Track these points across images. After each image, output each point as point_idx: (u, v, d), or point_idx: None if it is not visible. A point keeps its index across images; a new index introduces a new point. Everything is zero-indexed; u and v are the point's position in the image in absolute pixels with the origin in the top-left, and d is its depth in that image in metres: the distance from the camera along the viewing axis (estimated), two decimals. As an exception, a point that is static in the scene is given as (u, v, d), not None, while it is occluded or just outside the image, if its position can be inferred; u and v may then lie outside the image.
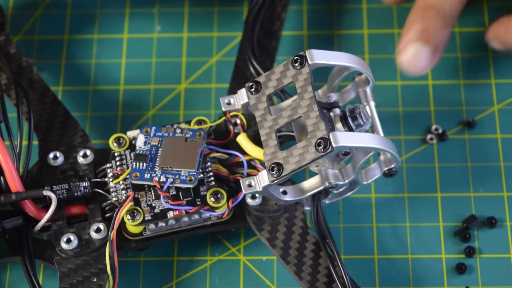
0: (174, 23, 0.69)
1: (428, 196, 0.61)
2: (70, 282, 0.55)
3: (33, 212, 0.56)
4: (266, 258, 0.60)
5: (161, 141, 0.56)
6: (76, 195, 0.56)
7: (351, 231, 0.60)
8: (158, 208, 0.55)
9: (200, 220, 0.56)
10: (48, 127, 0.60)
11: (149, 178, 0.55)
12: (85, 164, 0.58)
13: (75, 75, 0.67)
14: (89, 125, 0.64)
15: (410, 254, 0.59)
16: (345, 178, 0.56)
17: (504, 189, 0.61)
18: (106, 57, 0.67)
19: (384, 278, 0.59)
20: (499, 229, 0.60)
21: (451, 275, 0.59)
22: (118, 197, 0.56)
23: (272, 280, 0.59)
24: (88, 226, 0.56)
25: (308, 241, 0.56)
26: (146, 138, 0.57)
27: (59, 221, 0.56)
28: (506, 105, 0.64)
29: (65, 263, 0.55)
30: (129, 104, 0.65)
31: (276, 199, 0.56)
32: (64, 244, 0.55)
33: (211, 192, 0.55)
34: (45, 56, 0.67)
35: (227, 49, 0.67)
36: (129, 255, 0.60)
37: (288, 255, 0.56)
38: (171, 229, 0.56)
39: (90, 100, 0.66)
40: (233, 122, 0.58)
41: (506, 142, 0.63)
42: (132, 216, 0.55)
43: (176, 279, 0.59)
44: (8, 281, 0.59)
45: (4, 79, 0.62)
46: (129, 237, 0.56)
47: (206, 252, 0.60)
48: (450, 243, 0.60)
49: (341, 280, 0.54)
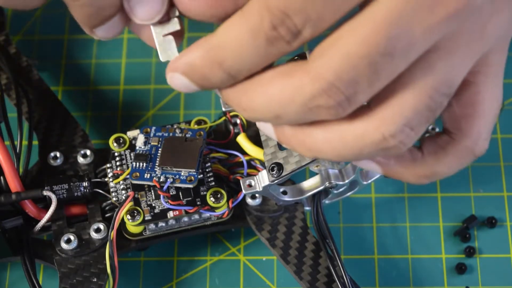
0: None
1: (428, 196, 0.61)
2: (70, 282, 0.55)
3: (33, 212, 0.56)
4: (266, 258, 0.60)
5: (161, 141, 0.56)
6: (76, 195, 0.56)
7: (351, 231, 0.60)
8: (158, 208, 0.55)
9: (200, 220, 0.56)
10: (48, 127, 0.60)
11: (149, 178, 0.55)
12: (85, 164, 0.58)
13: (75, 75, 0.67)
14: (89, 125, 0.64)
15: (410, 254, 0.59)
16: (345, 178, 0.56)
17: (504, 189, 0.61)
18: (106, 57, 0.67)
19: (384, 278, 0.59)
20: (499, 229, 0.60)
21: (451, 275, 0.59)
22: (118, 197, 0.56)
23: (272, 280, 0.59)
24: (88, 226, 0.56)
25: (308, 241, 0.56)
26: (146, 138, 0.57)
27: (59, 221, 0.56)
28: (506, 105, 0.64)
29: (65, 263, 0.55)
30: (129, 104, 0.65)
31: (276, 199, 0.56)
32: (64, 244, 0.55)
33: (211, 192, 0.55)
34: (45, 56, 0.67)
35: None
36: (129, 255, 0.60)
37: (288, 255, 0.56)
38: (171, 229, 0.56)
39: (90, 100, 0.66)
40: (233, 122, 0.58)
41: (506, 142, 0.63)
42: (132, 216, 0.55)
43: (176, 279, 0.59)
44: (8, 281, 0.59)
45: (4, 79, 0.62)
46: (129, 237, 0.56)
47: (206, 252, 0.60)
48: (450, 243, 0.60)
49: (341, 280, 0.54)
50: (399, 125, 0.43)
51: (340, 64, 0.41)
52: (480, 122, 0.48)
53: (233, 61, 0.43)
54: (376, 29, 0.41)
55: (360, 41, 0.41)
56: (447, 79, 0.43)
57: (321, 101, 0.42)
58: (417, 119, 0.43)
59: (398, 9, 0.41)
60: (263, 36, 0.42)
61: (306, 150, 0.45)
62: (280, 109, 0.43)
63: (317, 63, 0.42)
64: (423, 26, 0.41)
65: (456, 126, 0.48)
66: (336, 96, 0.42)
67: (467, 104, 0.47)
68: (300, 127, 0.45)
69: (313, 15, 0.41)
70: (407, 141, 0.44)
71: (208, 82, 0.44)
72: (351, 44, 0.41)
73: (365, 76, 0.41)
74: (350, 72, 0.41)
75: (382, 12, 0.41)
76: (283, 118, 0.44)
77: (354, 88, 0.41)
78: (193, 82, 0.45)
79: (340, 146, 0.44)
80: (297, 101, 0.42)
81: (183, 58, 0.44)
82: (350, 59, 0.41)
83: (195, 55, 0.44)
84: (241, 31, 0.42)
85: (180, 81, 0.45)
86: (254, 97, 0.44)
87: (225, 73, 0.43)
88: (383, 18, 0.41)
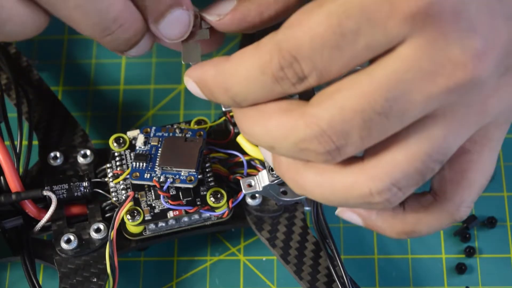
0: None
1: (428, 196, 0.61)
2: (70, 282, 0.55)
3: (33, 212, 0.56)
4: (266, 258, 0.60)
5: (161, 141, 0.56)
6: (76, 195, 0.56)
7: (351, 231, 0.60)
8: (158, 208, 0.55)
9: (200, 220, 0.56)
10: (48, 127, 0.60)
11: (149, 178, 0.55)
12: (85, 164, 0.58)
13: (75, 75, 0.67)
14: (89, 125, 0.64)
15: (410, 254, 0.59)
16: (345, 178, 0.56)
17: (504, 189, 0.61)
18: (106, 57, 0.67)
19: (384, 278, 0.59)
20: (499, 229, 0.60)
21: (451, 275, 0.59)
22: (118, 197, 0.56)
23: (272, 280, 0.59)
24: (88, 226, 0.56)
25: (308, 241, 0.56)
26: (146, 138, 0.57)
27: (59, 221, 0.56)
28: (506, 105, 0.64)
29: (65, 263, 0.55)
30: (129, 104, 0.65)
31: (276, 199, 0.56)
32: (64, 244, 0.55)
33: (211, 192, 0.55)
34: (45, 56, 0.67)
35: (227, 49, 0.67)
36: (129, 255, 0.60)
37: (288, 255, 0.56)
38: (171, 229, 0.56)
39: (90, 100, 0.66)
40: (233, 122, 0.58)
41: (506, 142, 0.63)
42: (132, 216, 0.55)
43: (176, 279, 0.59)
44: (8, 281, 0.59)
45: (4, 79, 0.62)
46: (129, 237, 0.56)
47: (206, 252, 0.60)
48: (450, 243, 0.60)
49: (341, 280, 0.54)
50: (386, 184, 0.43)
51: (335, 114, 0.42)
52: (466, 191, 0.47)
53: (239, 90, 0.45)
54: (375, 88, 0.41)
55: (357, 97, 0.41)
56: (442, 146, 0.43)
57: (311, 146, 0.43)
58: (406, 180, 0.43)
59: (400, 72, 0.41)
60: (270, 73, 0.43)
61: (297, 187, 0.47)
62: (275, 143, 0.45)
63: (313, 109, 0.43)
64: (422, 93, 0.41)
65: (442, 189, 0.48)
66: (326, 144, 0.43)
67: (457, 170, 0.47)
68: (295, 164, 0.46)
69: (320, 65, 0.42)
70: (393, 199, 0.44)
71: (215, 99, 0.47)
72: (348, 98, 0.42)
73: (357, 131, 0.42)
74: (342, 124, 0.42)
75: (385, 72, 0.41)
76: (277, 151, 0.45)
77: (345, 139, 0.42)
78: (203, 93, 0.47)
79: (328, 192, 0.45)
80: (289, 140, 0.44)
81: (198, 70, 0.47)
82: (345, 112, 0.42)
83: (208, 73, 0.46)
84: (251, 64, 0.44)
85: (193, 87, 0.47)
86: (253, 124, 0.45)
87: (230, 98, 0.45)
88: (384, 79, 0.41)
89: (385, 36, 0.41)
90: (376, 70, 0.42)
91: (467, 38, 0.41)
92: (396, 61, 0.41)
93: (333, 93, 0.42)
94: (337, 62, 0.42)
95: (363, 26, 0.41)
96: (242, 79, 0.44)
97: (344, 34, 0.41)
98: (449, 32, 0.41)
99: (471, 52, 0.41)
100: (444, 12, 0.41)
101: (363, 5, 0.41)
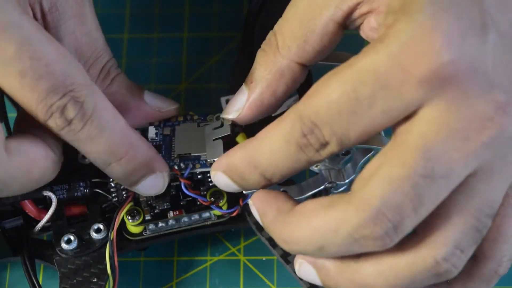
0: (174, 23, 0.69)
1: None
2: (70, 282, 0.55)
3: (33, 212, 0.56)
4: (266, 258, 0.60)
5: (173, 130, 0.56)
6: (76, 195, 0.56)
7: (351, 231, 0.60)
8: (158, 208, 0.55)
9: (200, 220, 0.56)
10: (48, 127, 0.60)
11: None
12: (85, 164, 0.58)
13: (75, 75, 0.67)
14: (89, 125, 0.64)
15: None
16: (345, 178, 0.56)
17: (504, 189, 0.61)
18: (106, 57, 0.67)
19: (384, 278, 0.58)
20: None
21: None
22: (118, 197, 0.56)
23: (272, 280, 0.59)
24: (88, 226, 0.56)
25: (308, 241, 0.56)
26: (157, 130, 0.56)
27: (59, 221, 0.56)
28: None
29: (65, 263, 0.55)
30: (129, 104, 0.65)
31: (276, 199, 0.56)
32: (64, 244, 0.55)
33: (211, 192, 0.55)
34: (45, 56, 0.67)
35: (227, 49, 0.67)
36: (129, 255, 0.60)
37: (288, 255, 0.56)
38: (171, 229, 0.56)
39: (90, 100, 0.65)
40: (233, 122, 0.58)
41: None
42: (132, 216, 0.55)
43: (176, 279, 0.59)
44: (8, 281, 0.59)
45: (4, 79, 0.61)
46: (129, 237, 0.56)
47: (206, 252, 0.60)
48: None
49: (341, 280, 0.54)
50: (450, 248, 0.44)
51: (385, 188, 0.42)
52: (504, 246, 0.48)
53: (267, 164, 0.46)
54: (411, 153, 0.41)
55: (399, 164, 0.42)
56: (489, 200, 0.44)
57: (367, 231, 0.43)
58: (466, 240, 0.44)
59: (430, 134, 0.41)
60: (294, 142, 0.44)
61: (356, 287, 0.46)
62: (325, 241, 0.44)
63: (361, 193, 0.43)
64: (460, 151, 0.42)
65: (480, 249, 0.47)
66: (383, 224, 0.42)
67: (492, 226, 0.47)
68: (346, 264, 0.46)
69: (339, 130, 0.43)
70: (458, 263, 0.44)
71: (246, 182, 0.47)
72: (391, 168, 0.42)
73: (410, 200, 0.42)
74: (395, 196, 0.42)
75: (414, 137, 0.42)
76: (327, 250, 0.45)
77: (401, 214, 0.42)
78: (232, 181, 0.48)
79: (392, 277, 0.45)
80: (342, 233, 0.43)
81: (225, 158, 0.48)
82: (394, 183, 0.42)
83: (236, 156, 0.47)
84: (276, 136, 0.45)
85: (222, 179, 0.48)
86: (297, 229, 0.45)
87: (261, 175, 0.46)
88: (417, 142, 0.42)
89: (401, 101, 0.42)
90: (406, 136, 0.42)
91: (488, 93, 0.41)
92: (423, 124, 0.42)
93: (374, 171, 0.43)
94: (355, 127, 0.43)
95: (378, 92, 0.42)
96: (269, 152, 0.45)
97: (359, 99, 0.42)
98: (469, 90, 0.41)
99: (495, 105, 0.41)
100: (460, 71, 0.41)
101: (377, 72, 0.42)
